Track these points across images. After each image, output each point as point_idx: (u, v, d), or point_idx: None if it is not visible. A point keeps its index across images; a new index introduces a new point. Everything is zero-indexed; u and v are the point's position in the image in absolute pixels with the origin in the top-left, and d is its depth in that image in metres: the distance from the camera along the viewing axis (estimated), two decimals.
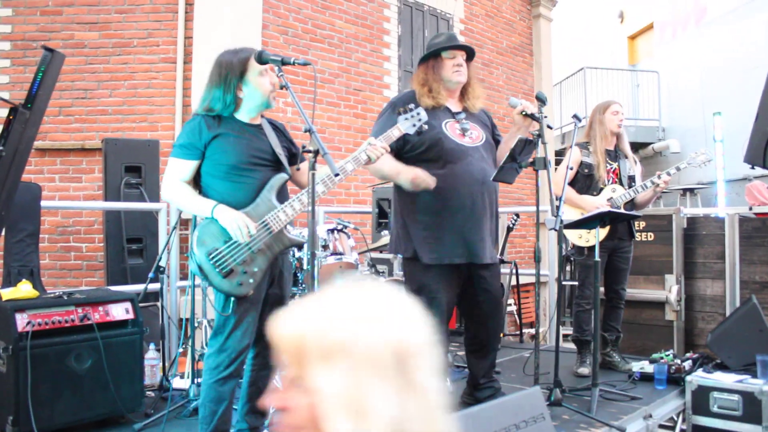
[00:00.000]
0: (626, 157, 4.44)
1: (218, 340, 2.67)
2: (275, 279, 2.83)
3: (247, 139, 2.74)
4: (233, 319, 2.65)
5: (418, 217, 3.31)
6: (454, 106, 3.47)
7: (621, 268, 4.42)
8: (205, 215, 2.65)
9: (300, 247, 3.71)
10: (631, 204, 4.35)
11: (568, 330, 5.87)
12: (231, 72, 2.70)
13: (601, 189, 4.30)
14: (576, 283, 4.48)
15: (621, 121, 4.39)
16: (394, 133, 2.94)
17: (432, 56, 3.41)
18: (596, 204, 4.18)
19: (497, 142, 3.57)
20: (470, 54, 3.48)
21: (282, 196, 2.80)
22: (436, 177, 3.22)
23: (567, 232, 4.33)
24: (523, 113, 3.31)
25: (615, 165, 4.38)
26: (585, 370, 4.30)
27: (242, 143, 2.72)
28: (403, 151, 3.30)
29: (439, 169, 3.24)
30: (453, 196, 3.26)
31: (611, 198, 4.26)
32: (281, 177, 2.79)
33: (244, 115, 2.79)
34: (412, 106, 3.00)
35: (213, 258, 2.59)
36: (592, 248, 4.14)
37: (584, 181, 4.35)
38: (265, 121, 2.89)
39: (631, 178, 4.42)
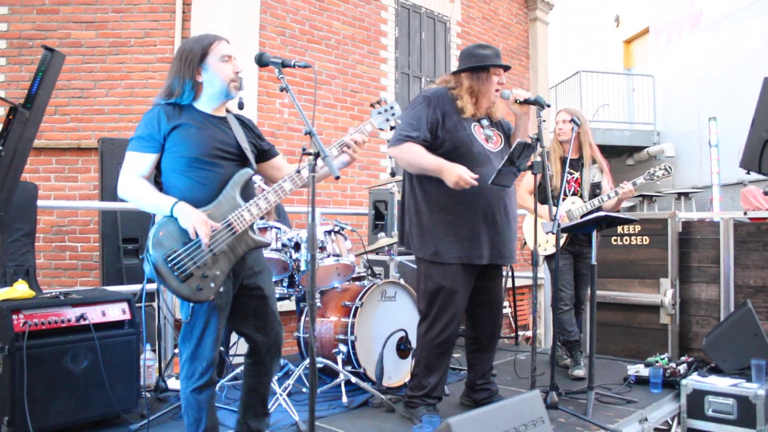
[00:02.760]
0: (594, 163, 4.46)
1: (188, 347, 2.55)
2: (248, 278, 2.68)
3: (209, 130, 2.59)
4: (200, 324, 2.53)
5: (441, 216, 3.33)
6: (480, 114, 3.50)
7: (583, 273, 4.49)
8: (164, 213, 2.47)
9: (265, 247, 3.47)
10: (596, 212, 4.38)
11: None
12: (191, 56, 2.57)
13: (564, 199, 4.36)
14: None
15: (561, 129, 4.44)
16: (367, 128, 2.82)
17: (482, 69, 3.40)
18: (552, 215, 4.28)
19: (509, 137, 3.61)
20: None
21: (247, 193, 2.63)
22: None
23: (527, 239, 4.48)
24: (518, 101, 3.38)
25: (576, 174, 4.42)
26: (580, 372, 4.32)
27: (204, 134, 2.56)
28: (431, 147, 3.31)
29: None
30: (479, 198, 3.30)
31: (569, 210, 4.34)
32: (246, 172, 2.62)
33: (205, 104, 2.64)
34: (386, 101, 2.92)
35: (171, 261, 2.42)
36: (550, 256, 4.45)
37: (543, 192, 4.36)
38: (231, 116, 2.74)
39: (595, 186, 4.44)
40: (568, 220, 4.27)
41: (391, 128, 3.02)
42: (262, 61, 2.53)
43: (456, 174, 3.14)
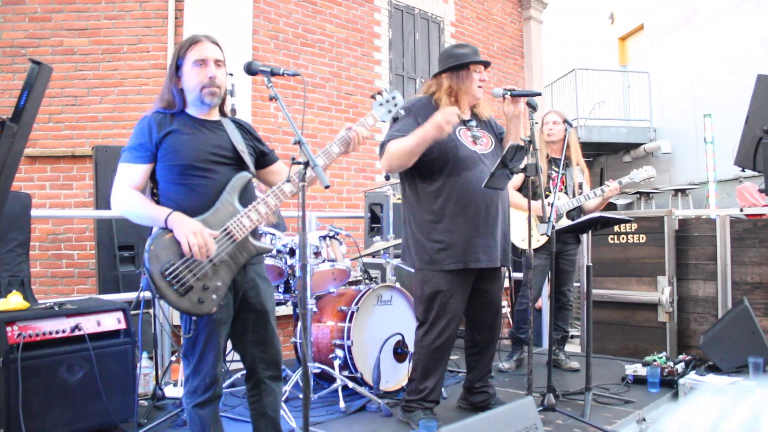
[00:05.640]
0: (577, 165, 4.57)
1: (190, 363, 2.46)
2: (248, 291, 2.56)
3: (202, 135, 2.48)
4: (203, 339, 2.42)
5: (434, 225, 3.31)
6: (465, 114, 3.49)
7: (566, 270, 4.59)
8: (159, 225, 2.35)
9: (268, 253, 3.39)
10: (579, 210, 4.52)
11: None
12: (173, 61, 2.50)
13: (547, 196, 4.41)
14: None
15: (551, 130, 4.52)
16: (369, 121, 2.74)
17: (461, 67, 3.39)
18: (539, 208, 4.27)
19: (502, 140, 3.59)
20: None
21: (246, 198, 2.50)
22: (451, 184, 3.26)
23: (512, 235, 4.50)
24: (512, 94, 3.37)
25: (562, 173, 4.50)
26: (506, 365, 4.58)
27: (196, 140, 2.45)
28: (419, 157, 3.28)
29: (454, 175, 3.27)
30: (469, 203, 3.28)
31: (552, 204, 4.36)
32: (243, 176, 2.50)
33: (193, 110, 2.54)
34: (387, 90, 2.85)
35: (169, 274, 2.28)
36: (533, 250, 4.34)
37: (532, 187, 4.48)
38: (227, 120, 2.63)
39: (580, 185, 4.57)
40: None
41: (394, 120, 2.95)
42: (251, 70, 2.48)
43: (438, 122, 3.07)
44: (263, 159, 2.73)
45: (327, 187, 2.15)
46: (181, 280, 2.30)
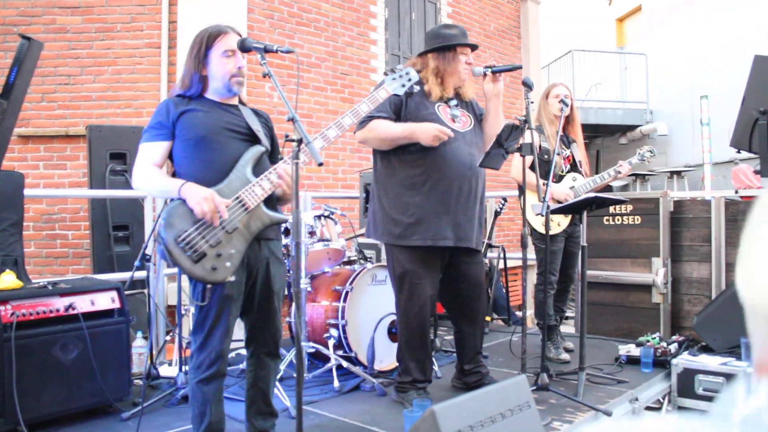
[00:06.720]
0: (574, 142, 4.46)
1: (199, 337, 2.51)
2: (260, 270, 2.61)
3: (218, 114, 2.58)
4: (212, 315, 2.47)
5: (404, 199, 3.31)
6: (449, 94, 3.47)
7: (573, 252, 4.47)
8: (174, 196, 2.44)
9: (284, 224, 3.33)
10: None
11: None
12: (198, 49, 2.57)
13: (560, 176, 4.31)
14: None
15: (562, 104, 4.22)
16: (381, 94, 2.79)
17: (447, 49, 3.38)
18: (559, 192, 4.20)
19: (482, 121, 3.58)
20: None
21: (260, 171, 2.56)
22: (426, 159, 3.26)
23: (530, 218, 4.35)
24: (493, 71, 3.38)
25: (568, 152, 4.40)
26: (566, 356, 4.34)
27: (212, 116, 2.56)
28: None
29: (428, 150, 3.25)
30: (441, 178, 3.27)
31: (573, 187, 4.30)
32: (257, 149, 2.58)
33: (213, 96, 2.64)
34: (400, 66, 2.90)
35: (182, 241, 2.36)
36: (553, 235, 4.20)
37: (543, 167, 4.14)
38: (245, 107, 2.72)
39: (579, 163, 4.45)
40: (574, 197, 4.19)
41: (408, 95, 2.98)
42: (244, 47, 2.50)
43: (430, 130, 3.12)
44: (272, 153, 2.77)
45: (321, 164, 2.15)
46: (194, 247, 2.37)
